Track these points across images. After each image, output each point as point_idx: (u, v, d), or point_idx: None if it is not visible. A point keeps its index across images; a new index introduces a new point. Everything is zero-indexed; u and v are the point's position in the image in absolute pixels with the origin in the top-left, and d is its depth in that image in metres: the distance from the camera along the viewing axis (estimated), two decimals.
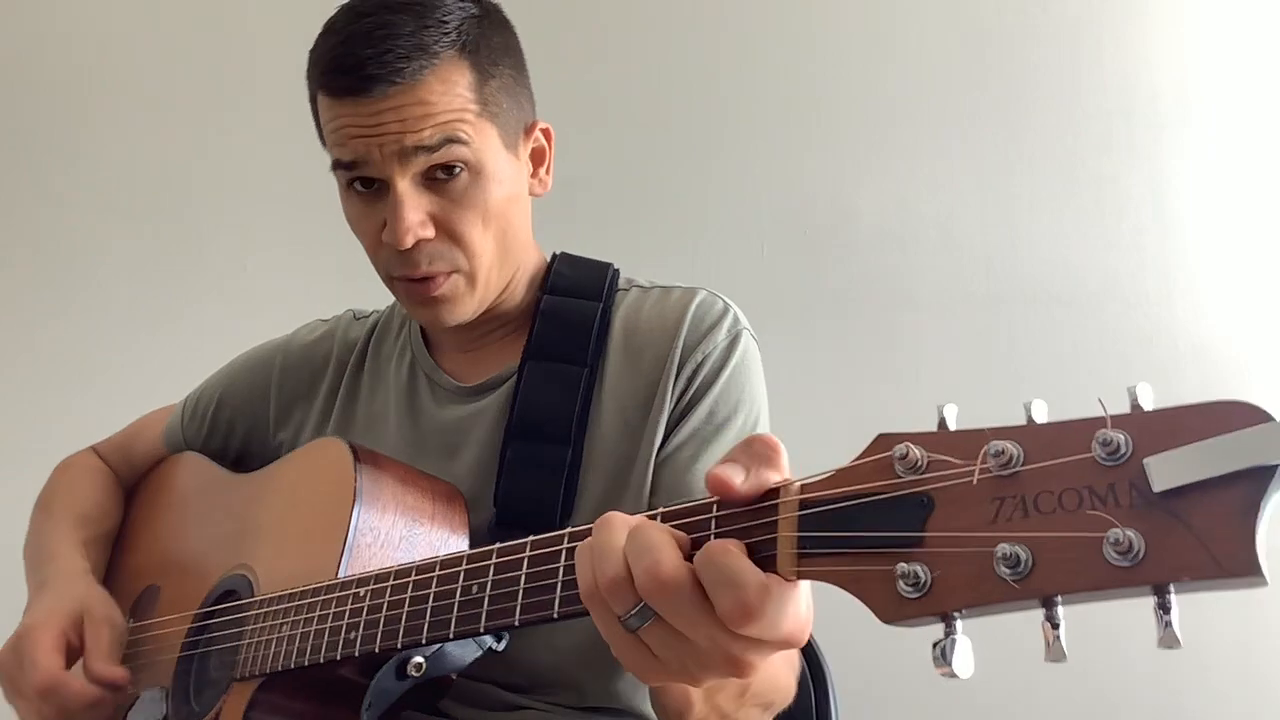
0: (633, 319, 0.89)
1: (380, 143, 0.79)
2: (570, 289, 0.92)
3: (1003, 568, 0.38)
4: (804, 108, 1.59)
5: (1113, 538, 0.36)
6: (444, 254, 0.82)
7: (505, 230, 0.86)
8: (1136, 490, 0.37)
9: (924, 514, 0.41)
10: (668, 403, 0.84)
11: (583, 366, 0.86)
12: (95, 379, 1.65)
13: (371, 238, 0.84)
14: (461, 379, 0.93)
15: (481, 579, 0.59)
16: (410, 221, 0.79)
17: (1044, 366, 1.49)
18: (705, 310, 0.87)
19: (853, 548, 0.42)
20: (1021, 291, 1.51)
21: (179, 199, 1.74)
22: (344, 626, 0.68)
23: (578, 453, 0.83)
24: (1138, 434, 0.38)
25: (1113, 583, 0.36)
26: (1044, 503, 0.39)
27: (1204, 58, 1.55)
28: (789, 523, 0.45)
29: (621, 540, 0.47)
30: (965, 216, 1.54)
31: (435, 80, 0.79)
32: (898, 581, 0.41)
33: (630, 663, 0.49)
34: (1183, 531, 0.36)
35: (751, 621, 0.44)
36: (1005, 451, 0.40)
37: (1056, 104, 1.55)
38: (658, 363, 0.85)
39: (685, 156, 1.59)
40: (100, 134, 1.77)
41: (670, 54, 1.64)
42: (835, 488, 0.44)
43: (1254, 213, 1.51)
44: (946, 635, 0.40)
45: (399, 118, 0.78)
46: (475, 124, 0.81)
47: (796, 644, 0.45)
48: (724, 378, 0.85)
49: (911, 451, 0.42)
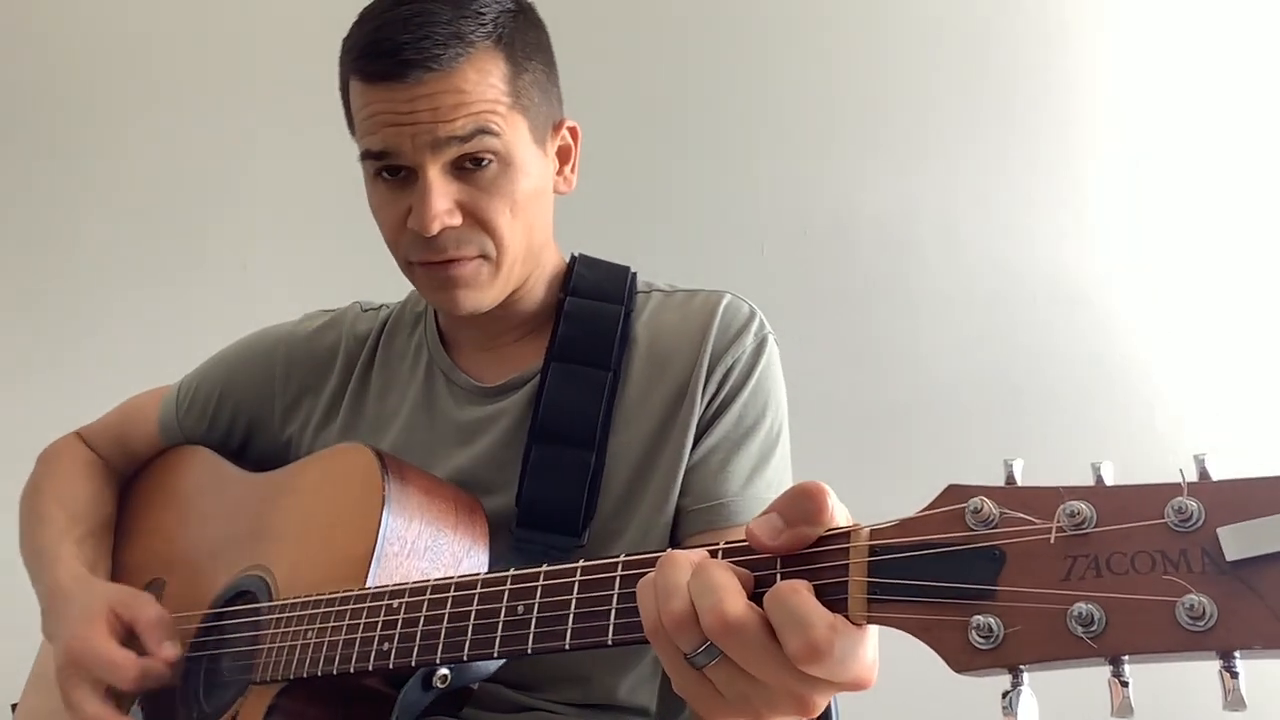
0: (656, 324, 0.89)
1: (413, 132, 0.78)
2: (592, 291, 0.91)
3: (1077, 626, 0.40)
4: (805, 108, 1.60)
5: (1186, 603, 0.38)
6: (470, 239, 0.82)
7: (531, 224, 0.86)
8: (1209, 557, 0.39)
9: (996, 567, 0.43)
10: (698, 407, 0.84)
11: (606, 370, 0.86)
12: (95, 378, 1.60)
13: (394, 223, 0.84)
14: (481, 379, 0.92)
15: (528, 600, 0.59)
16: (438, 209, 0.79)
17: (1044, 367, 1.52)
18: (733, 314, 0.88)
19: (926, 597, 0.44)
20: (1021, 291, 1.54)
21: (179, 198, 1.72)
22: (376, 637, 0.68)
23: (600, 457, 0.84)
24: (1210, 503, 0.39)
25: (1184, 646, 0.38)
26: (1117, 564, 0.41)
27: (1204, 58, 1.57)
28: (860, 567, 0.46)
29: (685, 578, 0.48)
30: (965, 216, 1.56)
31: (470, 69, 0.79)
32: (971, 632, 0.42)
33: (694, 698, 0.50)
34: (1254, 600, 0.38)
35: (820, 662, 0.45)
36: (1079, 512, 0.42)
37: (1056, 104, 1.57)
38: (686, 368, 0.86)
39: (685, 156, 1.59)
40: (101, 132, 1.75)
41: (670, 54, 1.63)
42: (906, 535, 0.46)
43: (1254, 213, 1.54)
44: (1014, 686, 0.42)
45: (432, 106, 0.78)
46: (507, 116, 0.81)
47: (864, 686, 0.46)
48: (753, 382, 0.86)
49: (985, 505, 0.44)
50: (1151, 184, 1.58)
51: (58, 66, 1.75)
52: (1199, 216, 1.56)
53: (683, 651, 0.48)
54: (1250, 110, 1.55)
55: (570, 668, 0.85)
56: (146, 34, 1.76)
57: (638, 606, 0.51)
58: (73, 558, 0.94)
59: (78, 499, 1.01)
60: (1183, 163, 1.57)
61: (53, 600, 0.91)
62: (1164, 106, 1.58)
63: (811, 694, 0.47)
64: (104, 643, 0.82)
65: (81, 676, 0.82)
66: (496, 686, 0.84)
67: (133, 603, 0.84)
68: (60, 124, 1.75)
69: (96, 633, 0.82)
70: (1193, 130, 1.57)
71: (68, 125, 1.75)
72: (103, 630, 0.82)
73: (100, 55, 1.76)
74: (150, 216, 1.72)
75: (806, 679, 0.46)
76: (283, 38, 1.68)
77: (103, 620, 0.83)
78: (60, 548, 0.95)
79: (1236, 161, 1.55)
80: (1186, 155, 1.57)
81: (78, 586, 0.90)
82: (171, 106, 1.73)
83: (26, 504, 1.03)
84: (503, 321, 0.92)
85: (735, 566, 0.49)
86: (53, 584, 0.91)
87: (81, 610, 0.85)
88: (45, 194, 1.74)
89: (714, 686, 0.48)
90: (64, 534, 0.97)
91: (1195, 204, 1.56)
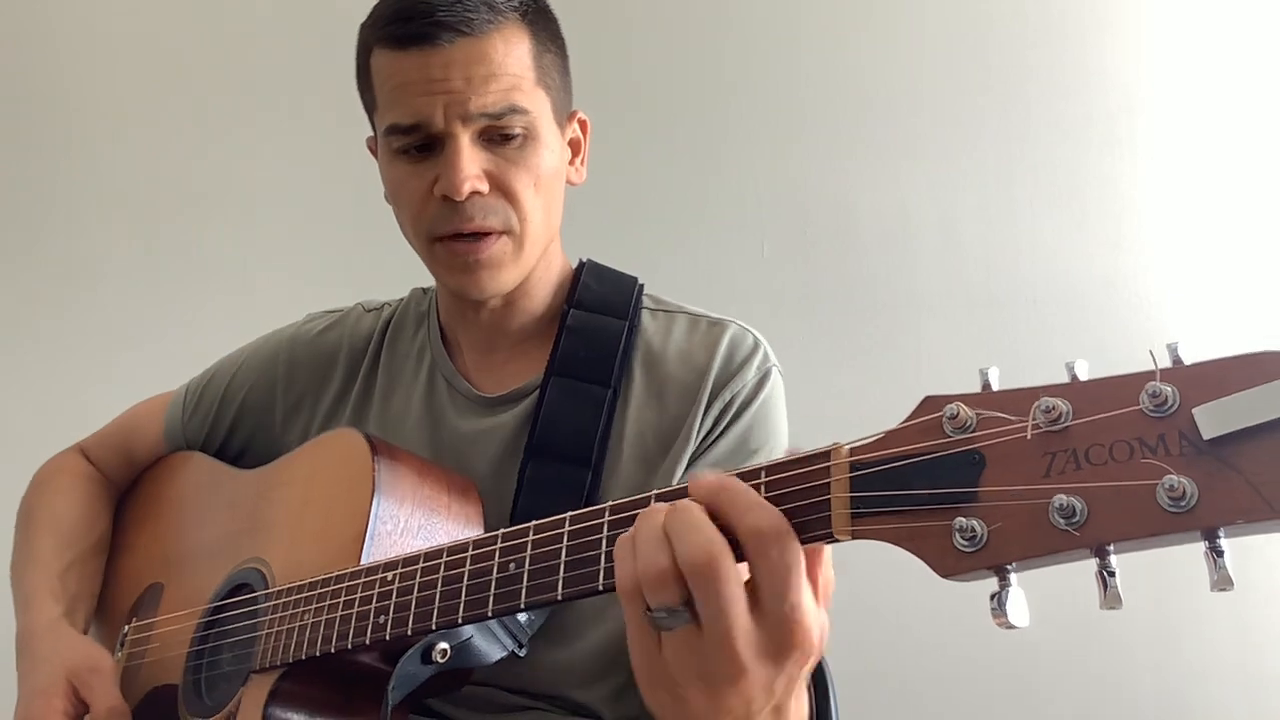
0: (660, 347, 0.89)
1: (446, 101, 0.79)
2: (597, 305, 0.91)
3: (1059, 518, 0.40)
4: (805, 108, 1.61)
5: (1166, 484, 0.38)
6: (497, 210, 0.82)
7: (549, 204, 0.86)
8: (1186, 439, 0.38)
9: (977, 471, 0.43)
10: (693, 439, 0.84)
11: (606, 388, 0.86)
12: (95, 379, 1.63)
13: (420, 196, 0.83)
14: (482, 388, 0.92)
15: (519, 555, 0.59)
16: (469, 171, 0.79)
17: (1044, 367, 1.51)
18: (735, 346, 0.87)
19: (908, 505, 0.44)
20: (1022, 292, 1.54)
21: (179, 199, 1.73)
22: (372, 610, 0.68)
23: (597, 476, 0.83)
24: (1184, 386, 0.39)
25: (1168, 528, 0.38)
26: (1095, 455, 0.40)
27: (1205, 59, 1.57)
28: (841, 484, 0.46)
29: (662, 520, 0.48)
30: (965, 217, 1.56)
31: (500, 39, 0.80)
32: (955, 536, 0.42)
33: (643, 671, 0.50)
34: (1233, 476, 0.37)
35: (793, 577, 0.45)
36: (1055, 408, 0.42)
37: (1057, 105, 1.57)
38: (686, 399, 0.85)
39: (685, 156, 1.61)
40: (102, 135, 1.76)
41: (670, 54, 1.65)
42: (885, 449, 0.46)
43: (1254, 214, 1.54)
44: (1002, 587, 0.41)
45: (465, 75, 0.79)
46: (532, 93, 0.82)
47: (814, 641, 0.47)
48: (749, 415, 0.85)
49: (961, 411, 0.44)
50: (1152, 184, 1.58)
51: (57, 67, 1.77)
52: (1199, 217, 1.56)
53: (651, 609, 0.48)
54: (1251, 110, 1.56)
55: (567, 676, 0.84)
56: (146, 34, 1.78)
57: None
58: (51, 599, 0.93)
59: (69, 521, 1.01)
60: (1183, 163, 1.57)
61: (25, 642, 0.90)
62: (1164, 107, 1.58)
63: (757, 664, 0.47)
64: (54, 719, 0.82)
65: None
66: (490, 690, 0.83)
67: (92, 681, 0.84)
68: (60, 124, 1.76)
69: (50, 709, 0.83)
70: (1193, 130, 1.57)
71: (67, 126, 1.76)
72: (57, 706, 0.83)
73: (100, 55, 1.78)
74: (150, 217, 1.72)
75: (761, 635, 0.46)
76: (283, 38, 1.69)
77: (59, 694, 0.83)
78: (40, 587, 0.94)
79: (1238, 162, 1.55)
80: (1187, 155, 1.57)
81: (49, 637, 0.89)
82: (172, 107, 1.75)
83: (19, 527, 1.03)
84: (505, 324, 0.91)
85: None
86: (28, 626, 0.91)
87: (44, 675, 0.85)
88: (45, 194, 1.74)
89: (665, 660, 0.49)
90: (47, 568, 0.96)
91: (1196, 204, 1.56)
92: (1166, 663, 1.45)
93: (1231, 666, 1.45)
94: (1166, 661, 1.45)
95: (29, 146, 1.76)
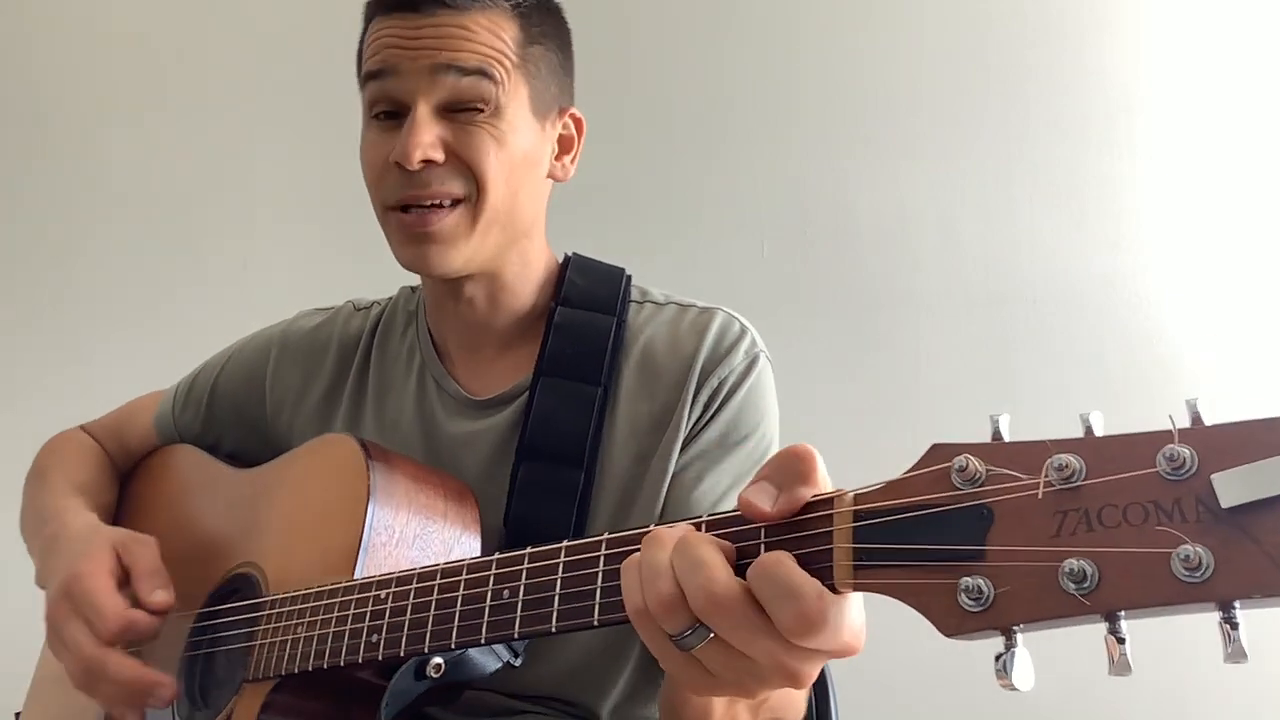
0: (649, 339, 0.88)
1: (414, 55, 0.80)
2: (584, 301, 0.90)
3: (1069, 582, 0.39)
4: (805, 108, 1.60)
5: (1182, 554, 0.37)
6: (452, 177, 0.81)
7: (517, 191, 0.84)
8: (1204, 506, 0.37)
9: (985, 526, 0.41)
10: (684, 426, 0.83)
11: (596, 386, 0.85)
12: (95, 378, 1.61)
13: (379, 164, 0.82)
14: (471, 390, 0.90)
15: (513, 584, 0.58)
16: (421, 139, 0.78)
17: (1044, 367, 1.51)
18: (723, 332, 0.87)
19: (912, 560, 0.42)
20: (1021, 292, 1.53)
21: (179, 198, 1.73)
22: (365, 629, 0.67)
23: (590, 475, 0.83)
24: (1203, 449, 0.38)
25: (1182, 598, 0.37)
26: (1108, 517, 0.39)
27: (1204, 58, 1.56)
28: (844, 534, 0.45)
29: (669, 556, 0.47)
30: (964, 216, 1.55)
31: (483, 18, 0.81)
32: (960, 595, 0.41)
33: (685, 679, 0.48)
34: (1252, 548, 0.36)
35: (813, 633, 0.43)
36: (1068, 465, 0.40)
37: (1056, 104, 1.56)
38: (675, 386, 0.84)
39: (685, 156, 1.60)
40: (102, 133, 1.76)
41: (670, 54, 1.64)
42: (890, 499, 0.44)
43: (1254, 214, 1.53)
44: (1008, 649, 0.40)
45: (438, 35, 0.80)
46: (510, 73, 0.82)
47: (854, 651, 0.45)
48: (737, 399, 0.84)
49: (971, 463, 0.42)
50: (1151, 184, 1.57)
51: (57, 68, 1.76)
52: (1198, 216, 1.55)
53: (669, 633, 0.47)
54: (1250, 110, 1.55)
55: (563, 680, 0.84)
56: (147, 35, 1.77)
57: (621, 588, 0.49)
58: (82, 509, 0.92)
59: (83, 477, 1.00)
60: (1182, 162, 1.56)
61: (55, 544, 0.87)
62: (1163, 106, 1.57)
63: (802, 665, 0.45)
64: (99, 582, 0.78)
65: (75, 612, 0.78)
66: (484, 694, 0.83)
67: (134, 547, 0.82)
68: (60, 125, 1.75)
69: (96, 569, 0.79)
70: (1192, 130, 1.56)
71: (68, 126, 1.75)
72: (103, 568, 0.79)
73: (100, 56, 1.77)
74: (150, 216, 1.72)
75: (797, 650, 0.45)
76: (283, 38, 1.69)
77: (105, 556, 0.80)
78: (68, 501, 0.93)
79: (1237, 161, 1.54)
80: (1186, 155, 1.56)
81: (85, 530, 0.87)
82: (172, 107, 1.74)
83: (30, 484, 1.02)
84: (490, 321, 0.90)
85: (718, 540, 0.48)
86: (58, 530, 0.88)
87: (84, 548, 0.82)
88: (45, 195, 1.74)
89: (703, 666, 0.47)
90: (72, 495, 0.95)
91: (1195, 204, 1.55)
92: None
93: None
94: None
95: (29, 146, 1.76)
